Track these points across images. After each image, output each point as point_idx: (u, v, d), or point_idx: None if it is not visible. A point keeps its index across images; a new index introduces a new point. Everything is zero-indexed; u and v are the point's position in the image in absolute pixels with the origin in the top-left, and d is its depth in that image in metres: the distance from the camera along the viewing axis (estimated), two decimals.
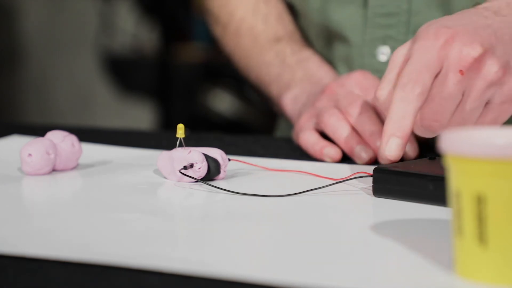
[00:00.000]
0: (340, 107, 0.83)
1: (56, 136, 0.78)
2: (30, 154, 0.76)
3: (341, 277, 0.51)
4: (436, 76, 0.72)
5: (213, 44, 2.53)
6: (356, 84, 0.85)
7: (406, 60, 0.74)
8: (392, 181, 0.68)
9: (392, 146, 0.71)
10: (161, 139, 0.93)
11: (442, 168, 0.55)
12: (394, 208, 0.66)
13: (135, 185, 0.73)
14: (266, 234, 0.61)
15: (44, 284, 0.52)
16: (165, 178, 0.75)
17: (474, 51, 0.72)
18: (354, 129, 0.81)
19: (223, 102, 2.56)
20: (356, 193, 0.70)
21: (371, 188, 0.69)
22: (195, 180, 0.73)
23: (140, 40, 2.68)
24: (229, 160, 0.75)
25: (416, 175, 0.67)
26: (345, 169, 0.75)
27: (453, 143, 0.50)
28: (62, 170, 0.78)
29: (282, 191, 0.70)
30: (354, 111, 0.82)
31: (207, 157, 0.73)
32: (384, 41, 0.91)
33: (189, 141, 0.75)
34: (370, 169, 0.70)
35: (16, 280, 0.53)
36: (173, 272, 0.52)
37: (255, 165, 0.78)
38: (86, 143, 0.83)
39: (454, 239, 0.51)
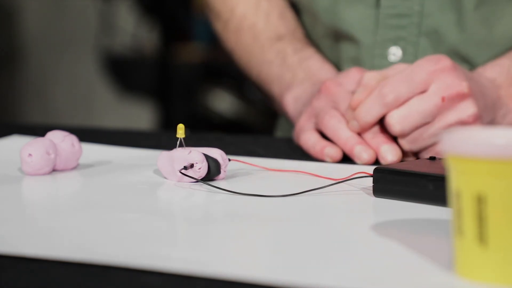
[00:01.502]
0: (340, 109, 0.83)
1: (56, 136, 0.78)
2: (30, 154, 0.76)
3: (341, 277, 0.51)
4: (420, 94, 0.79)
5: (213, 44, 2.53)
6: (354, 82, 0.85)
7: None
8: (392, 181, 0.68)
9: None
10: (161, 139, 0.93)
11: (442, 168, 0.55)
12: (394, 208, 0.66)
13: (135, 185, 0.73)
14: (266, 234, 0.61)
15: (44, 284, 0.52)
16: (165, 178, 0.75)
17: (462, 87, 0.79)
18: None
19: (223, 102, 2.56)
20: (356, 193, 0.70)
21: (371, 188, 0.69)
22: (195, 180, 0.73)
23: (140, 40, 2.68)
24: (229, 160, 0.75)
25: (416, 175, 0.67)
26: (345, 169, 0.75)
27: (453, 143, 0.50)
28: (62, 170, 0.78)
29: (282, 191, 0.70)
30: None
31: (207, 157, 0.73)
32: (395, 42, 0.91)
33: (189, 141, 0.75)
34: (370, 169, 0.70)
35: (16, 280, 0.53)
36: (173, 272, 0.52)
37: (255, 165, 0.78)
38: (86, 143, 0.83)
39: (454, 239, 0.51)
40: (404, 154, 0.82)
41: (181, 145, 0.74)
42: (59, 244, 0.58)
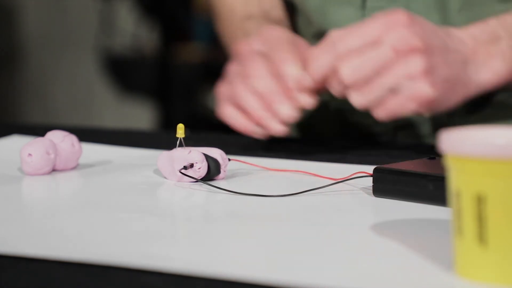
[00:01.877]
0: (247, 71, 0.83)
1: (56, 136, 0.78)
2: (30, 154, 0.76)
3: (340, 277, 0.51)
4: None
5: (213, 44, 2.53)
6: (263, 41, 0.84)
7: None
8: (392, 181, 0.68)
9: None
10: (161, 139, 0.93)
11: (442, 168, 0.55)
12: (394, 208, 0.66)
13: (135, 185, 0.73)
14: (266, 234, 0.61)
15: (44, 284, 0.52)
16: (165, 178, 0.75)
17: (414, 41, 0.77)
18: (262, 96, 0.81)
19: None
20: (356, 193, 0.70)
21: (371, 188, 0.69)
22: (195, 180, 0.73)
23: (140, 40, 2.68)
24: (229, 160, 0.75)
25: (416, 175, 0.67)
26: (345, 169, 0.75)
27: (453, 143, 0.50)
28: (62, 170, 0.78)
29: (282, 191, 0.70)
30: (258, 75, 0.82)
31: (207, 157, 0.73)
32: None
33: (189, 141, 0.75)
34: (370, 169, 0.70)
35: (16, 280, 0.53)
36: (173, 272, 0.52)
37: (255, 165, 0.78)
38: (86, 143, 0.83)
39: (454, 239, 0.51)
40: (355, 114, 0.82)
41: (180, 145, 0.74)
42: (59, 244, 0.58)
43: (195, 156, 0.73)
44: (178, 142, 0.75)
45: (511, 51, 0.82)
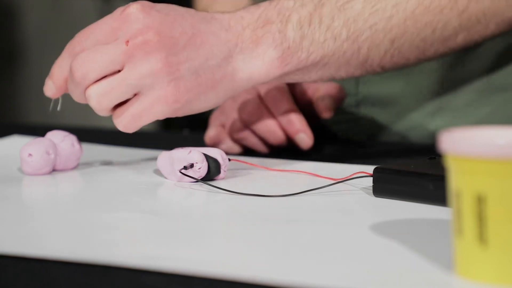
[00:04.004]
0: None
1: (56, 136, 0.78)
2: (30, 154, 0.76)
3: (340, 277, 0.51)
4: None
5: None
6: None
7: None
8: (392, 180, 0.68)
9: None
10: (161, 139, 0.94)
11: (442, 168, 0.55)
12: (394, 208, 0.66)
13: (135, 185, 0.73)
14: (266, 234, 0.61)
15: (44, 284, 0.52)
16: (165, 178, 0.75)
17: (149, 35, 0.71)
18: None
19: None
20: (356, 193, 0.70)
21: (371, 188, 0.69)
22: (195, 180, 0.73)
23: None
24: (229, 160, 0.75)
25: (416, 175, 0.67)
26: (345, 169, 0.75)
27: (453, 143, 0.50)
28: (62, 170, 0.78)
29: (282, 191, 0.70)
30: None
31: (207, 157, 0.73)
32: None
33: (189, 141, 0.75)
34: (370, 169, 0.70)
35: (16, 280, 0.53)
36: (173, 272, 0.52)
37: (255, 165, 0.78)
38: (86, 143, 0.83)
39: (454, 239, 0.51)
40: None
41: (56, 108, 0.76)
42: (59, 244, 0.58)
43: (195, 156, 0.73)
44: (54, 106, 0.76)
45: (282, 36, 0.74)
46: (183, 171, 0.73)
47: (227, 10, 0.77)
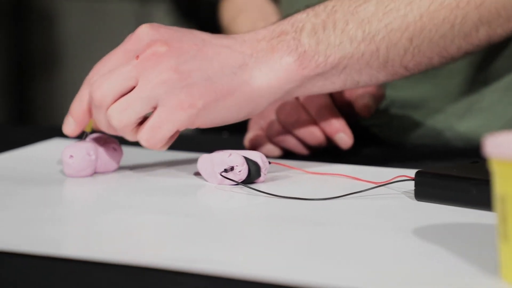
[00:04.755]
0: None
1: (97, 139, 0.78)
2: (71, 156, 0.76)
3: (382, 281, 0.51)
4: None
5: None
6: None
7: None
8: (435, 184, 0.67)
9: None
10: (201, 142, 0.94)
11: (485, 172, 0.54)
12: (437, 212, 0.66)
13: (176, 187, 0.74)
14: (305, 237, 0.61)
15: (83, 285, 0.53)
16: (205, 180, 0.75)
17: (158, 46, 0.72)
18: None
19: None
20: (397, 196, 0.70)
21: (412, 191, 0.69)
22: (235, 183, 0.73)
23: None
24: (270, 163, 0.75)
25: (459, 179, 0.67)
26: (386, 173, 0.75)
27: (497, 147, 0.50)
28: (102, 173, 0.78)
29: (322, 194, 0.69)
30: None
31: (247, 160, 0.73)
32: None
33: (228, 144, 0.75)
34: (411, 172, 0.70)
35: (61, 282, 0.53)
36: (213, 275, 0.52)
37: (295, 168, 0.77)
38: (127, 146, 0.84)
39: (499, 244, 0.50)
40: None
41: (84, 138, 0.77)
42: (99, 246, 0.58)
43: (236, 159, 0.73)
44: (84, 136, 0.77)
45: (297, 42, 0.74)
46: (223, 174, 0.73)
47: (252, 19, 0.78)
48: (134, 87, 0.72)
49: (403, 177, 0.71)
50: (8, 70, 2.89)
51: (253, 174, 0.73)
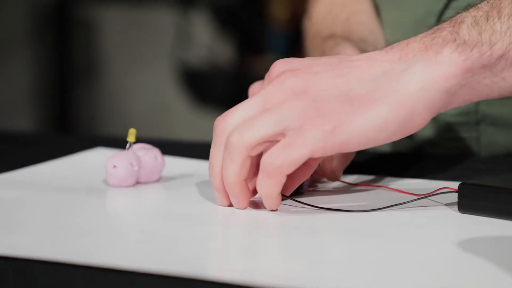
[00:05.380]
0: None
1: (139, 149, 0.79)
2: (114, 166, 0.77)
3: None
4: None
5: (289, 57, 2.53)
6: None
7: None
8: (479, 196, 0.67)
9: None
10: None
11: None
12: (481, 224, 0.65)
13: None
14: (350, 249, 0.60)
15: None
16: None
17: (284, 75, 0.64)
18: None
19: None
20: (440, 208, 0.69)
21: (456, 204, 0.68)
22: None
23: (216, 53, 2.70)
24: (312, 175, 0.75)
25: (504, 190, 0.66)
26: (429, 185, 0.74)
27: None
28: (145, 183, 0.79)
29: (364, 206, 0.69)
30: None
31: None
32: None
33: None
34: (454, 184, 0.69)
35: None
36: (255, 286, 0.52)
37: (339, 181, 0.77)
38: (168, 156, 0.84)
39: None
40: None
41: (128, 147, 0.77)
42: (145, 256, 0.59)
43: None
44: (127, 146, 0.77)
45: (455, 34, 0.63)
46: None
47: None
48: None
49: (446, 189, 0.70)
50: (52, 79, 2.92)
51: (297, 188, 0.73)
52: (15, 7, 2.88)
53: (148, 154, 0.79)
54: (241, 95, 0.72)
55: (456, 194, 0.68)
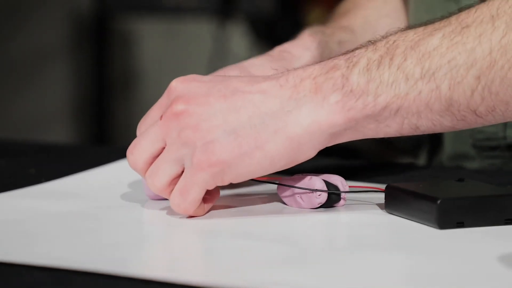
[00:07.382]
0: None
1: None
2: None
3: None
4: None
5: None
6: None
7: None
8: (400, 199, 0.69)
9: None
10: None
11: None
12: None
13: (255, 211, 0.74)
14: (384, 261, 0.60)
15: None
16: (285, 204, 0.75)
17: (179, 106, 0.67)
18: None
19: None
20: (371, 207, 0.71)
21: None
22: (316, 207, 0.73)
23: None
24: (349, 186, 0.74)
25: (417, 195, 0.67)
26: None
27: None
28: None
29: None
30: None
31: (327, 183, 0.73)
32: None
33: (308, 167, 0.75)
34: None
35: None
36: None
37: (375, 188, 0.76)
38: None
39: None
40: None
41: None
42: (180, 268, 0.59)
43: (316, 183, 0.72)
44: None
45: (345, 80, 0.67)
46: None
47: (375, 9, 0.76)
48: (164, 148, 0.69)
49: (374, 189, 0.72)
50: (90, 91, 2.95)
51: (333, 198, 0.73)
52: (55, 20, 2.91)
53: None
54: None
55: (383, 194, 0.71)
